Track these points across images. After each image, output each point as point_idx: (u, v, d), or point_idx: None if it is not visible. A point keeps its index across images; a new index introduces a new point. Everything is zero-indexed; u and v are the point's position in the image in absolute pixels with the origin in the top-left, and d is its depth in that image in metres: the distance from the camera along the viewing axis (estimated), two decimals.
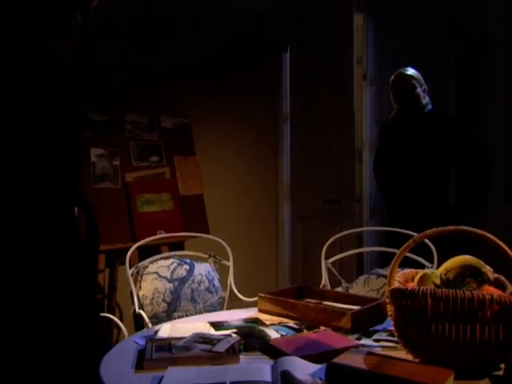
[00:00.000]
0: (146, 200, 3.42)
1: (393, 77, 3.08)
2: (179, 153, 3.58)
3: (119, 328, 2.25)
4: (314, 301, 1.79)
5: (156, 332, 1.56)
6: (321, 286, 2.53)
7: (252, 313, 1.74)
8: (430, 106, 3.06)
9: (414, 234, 2.14)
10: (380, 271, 2.48)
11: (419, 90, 3.02)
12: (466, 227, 1.28)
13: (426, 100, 3.06)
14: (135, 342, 1.50)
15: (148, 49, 3.48)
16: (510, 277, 1.30)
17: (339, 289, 2.54)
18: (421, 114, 3.04)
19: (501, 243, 1.23)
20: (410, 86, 3.01)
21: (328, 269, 2.61)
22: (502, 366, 1.21)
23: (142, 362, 1.32)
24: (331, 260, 2.63)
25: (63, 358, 1.29)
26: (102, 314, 2.45)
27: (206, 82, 3.69)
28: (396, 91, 3.06)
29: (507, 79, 3.62)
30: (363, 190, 3.69)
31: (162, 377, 1.22)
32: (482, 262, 1.37)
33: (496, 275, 1.36)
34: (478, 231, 1.26)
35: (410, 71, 3.05)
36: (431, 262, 2.40)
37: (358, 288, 2.44)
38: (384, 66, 3.60)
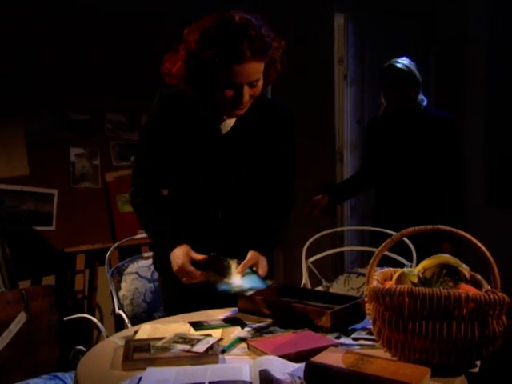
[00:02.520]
0: (127, 200, 3.39)
1: (382, 68, 2.83)
2: None
3: (99, 329, 2.23)
4: (294, 300, 1.80)
5: (135, 332, 1.55)
6: (301, 285, 2.54)
7: (233, 313, 1.73)
8: (424, 103, 2.80)
9: (394, 233, 2.15)
10: (360, 270, 2.50)
11: (408, 84, 2.73)
12: (442, 226, 1.30)
13: (420, 96, 2.78)
14: (114, 342, 1.49)
15: (129, 48, 3.46)
16: (487, 275, 1.31)
17: (320, 288, 2.55)
18: (410, 111, 2.79)
19: (477, 241, 1.25)
20: (396, 81, 2.73)
21: (309, 268, 2.62)
22: (478, 363, 1.23)
23: (120, 362, 1.31)
24: (312, 259, 2.64)
25: None
26: (81, 315, 2.44)
27: None
28: (383, 85, 2.82)
29: (487, 79, 3.67)
30: None
31: (141, 377, 1.21)
32: (458, 261, 1.39)
33: (472, 273, 1.38)
34: (455, 230, 1.27)
35: (401, 63, 2.75)
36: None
37: (339, 287, 2.46)
38: (364, 67, 3.63)
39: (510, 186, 3.66)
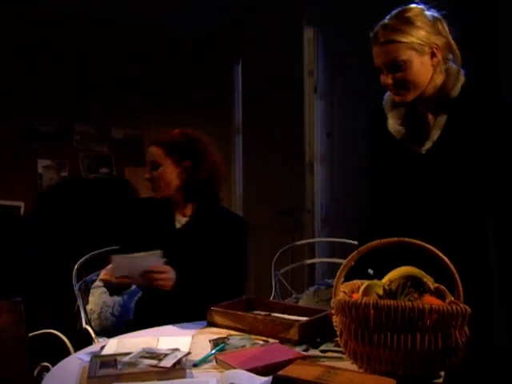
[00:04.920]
0: None
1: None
2: (130, 164, 3.54)
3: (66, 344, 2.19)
4: (263, 313, 1.80)
5: (102, 348, 1.52)
6: (271, 297, 2.54)
7: (201, 326, 1.73)
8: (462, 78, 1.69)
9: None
10: (330, 282, 2.52)
11: (412, 59, 1.57)
12: (407, 239, 1.32)
13: (459, 77, 1.68)
14: (79, 358, 1.46)
15: (98, 60, 3.44)
16: (451, 286, 1.33)
17: (289, 300, 2.56)
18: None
19: (440, 254, 1.27)
20: (387, 52, 1.58)
21: (279, 280, 2.63)
22: (442, 373, 1.25)
23: (85, 379, 1.29)
24: (282, 271, 2.65)
25: None
26: (48, 330, 2.39)
27: (158, 93, 3.67)
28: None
29: None
30: (315, 202, 3.73)
31: None
32: (423, 273, 1.41)
33: (436, 285, 1.40)
34: (419, 242, 1.30)
35: (395, 17, 1.59)
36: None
37: (308, 299, 2.47)
38: (334, 80, 3.67)
39: None
